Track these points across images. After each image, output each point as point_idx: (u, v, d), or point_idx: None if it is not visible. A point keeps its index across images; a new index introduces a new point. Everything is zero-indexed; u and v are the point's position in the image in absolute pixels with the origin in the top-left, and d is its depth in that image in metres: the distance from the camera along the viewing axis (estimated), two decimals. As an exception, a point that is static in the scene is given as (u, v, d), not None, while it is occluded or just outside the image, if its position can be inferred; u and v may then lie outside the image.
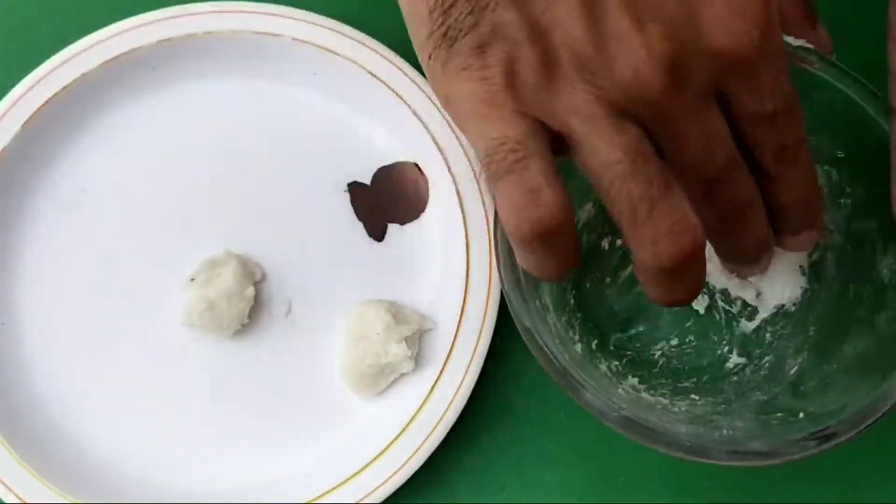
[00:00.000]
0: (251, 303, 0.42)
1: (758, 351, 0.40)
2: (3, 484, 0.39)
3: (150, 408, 0.42)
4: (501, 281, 0.35)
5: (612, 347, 0.41)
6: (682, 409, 0.38)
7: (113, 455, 0.41)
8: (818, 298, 0.39)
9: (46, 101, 0.42)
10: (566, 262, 0.28)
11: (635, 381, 0.40)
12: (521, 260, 0.29)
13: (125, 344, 0.42)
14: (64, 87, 0.42)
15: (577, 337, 0.39)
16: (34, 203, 0.43)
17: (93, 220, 0.43)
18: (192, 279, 0.42)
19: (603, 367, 0.39)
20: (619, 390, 0.38)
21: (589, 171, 0.27)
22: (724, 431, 0.35)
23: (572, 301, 0.41)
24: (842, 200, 0.37)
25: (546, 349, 0.34)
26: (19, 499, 0.39)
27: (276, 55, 0.44)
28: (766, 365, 0.40)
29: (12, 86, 0.42)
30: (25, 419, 0.41)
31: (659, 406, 0.38)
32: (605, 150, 0.26)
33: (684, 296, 0.29)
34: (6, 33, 0.46)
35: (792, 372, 0.38)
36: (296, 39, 0.43)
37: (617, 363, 0.40)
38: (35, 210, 0.43)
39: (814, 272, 0.40)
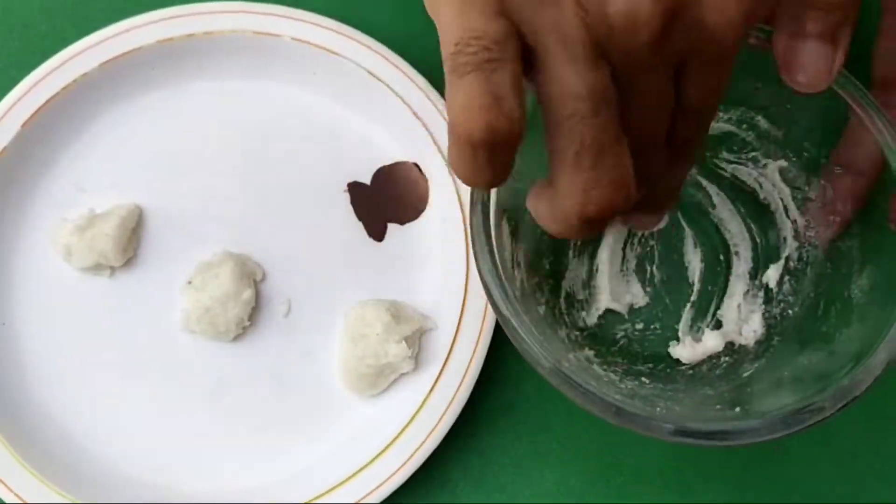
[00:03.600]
0: (250, 305, 0.42)
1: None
2: (4, 484, 0.39)
3: (149, 407, 0.42)
4: (476, 256, 0.33)
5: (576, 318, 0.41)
6: (629, 387, 0.38)
7: (113, 455, 0.41)
8: (789, 310, 0.40)
9: (46, 102, 0.42)
10: (499, 178, 0.27)
11: (591, 353, 0.40)
12: (456, 161, 0.27)
13: (125, 344, 0.42)
14: (64, 87, 0.42)
15: (543, 300, 0.39)
16: (34, 203, 0.43)
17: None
18: (190, 282, 0.42)
19: (562, 333, 0.39)
20: (571, 356, 0.38)
21: (546, 97, 0.26)
22: (658, 410, 0.34)
23: (547, 266, 0.41)
24: (831, 217, 0.37)
25: (503, 303, 0.32)
26: (20, 499, 0.39)
27: (276, 55, 0.44)
28: (724, 365, 0.40)
29: (12, 86, 0.42)
30: (26, 419, 0.41)
31: (606, 380, 0.38)
32: (572, 82, 0.25)
33: (583, 236, 0.29)
34: (6, 33, 0.46)
35: (745, 374, 0.38)
36: (296, 39, 0.43)
37: (577, 333, 0.40)
38: (35, 210, 0.43)
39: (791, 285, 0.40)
